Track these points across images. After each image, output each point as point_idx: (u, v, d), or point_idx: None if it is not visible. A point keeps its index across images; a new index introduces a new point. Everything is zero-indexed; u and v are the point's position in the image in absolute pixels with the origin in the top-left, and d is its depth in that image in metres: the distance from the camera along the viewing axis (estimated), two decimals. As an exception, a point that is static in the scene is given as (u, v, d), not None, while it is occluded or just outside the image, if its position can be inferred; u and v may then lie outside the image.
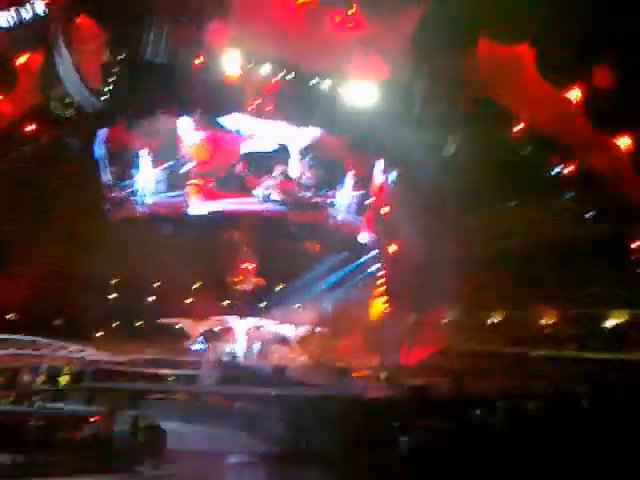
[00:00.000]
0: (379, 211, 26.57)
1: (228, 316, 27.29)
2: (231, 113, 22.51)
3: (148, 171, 23.66)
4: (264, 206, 24.54)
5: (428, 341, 23.82)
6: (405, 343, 24.52)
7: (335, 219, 25.67)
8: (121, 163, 23.97)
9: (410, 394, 16.23)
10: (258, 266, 27.96)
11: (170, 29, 16.92)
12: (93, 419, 12.95)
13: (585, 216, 19.18)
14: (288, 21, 16.49)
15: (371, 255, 28.19)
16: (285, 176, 24.75)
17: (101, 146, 23.72)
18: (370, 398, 17.99)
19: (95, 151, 23.72)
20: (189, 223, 24.37)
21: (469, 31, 15.56)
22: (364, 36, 16.28)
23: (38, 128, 18.22)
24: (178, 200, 23.97)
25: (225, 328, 27.22)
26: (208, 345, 26.43)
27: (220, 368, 22.31)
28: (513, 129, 18.01)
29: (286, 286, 28.94)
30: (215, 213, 24.00)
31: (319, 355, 25.78)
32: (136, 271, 26.33)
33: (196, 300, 27.82)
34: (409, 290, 25.26)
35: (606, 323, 21.23)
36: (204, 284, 28.30)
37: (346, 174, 25.31)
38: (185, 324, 26.98)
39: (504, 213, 23.45)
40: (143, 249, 24.73)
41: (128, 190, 23.97)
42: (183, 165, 23.68)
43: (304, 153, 24.56)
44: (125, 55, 17.57)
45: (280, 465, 12.49)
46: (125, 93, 18.83)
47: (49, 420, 12.73)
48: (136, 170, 23.77)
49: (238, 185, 24.47)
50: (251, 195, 24.56)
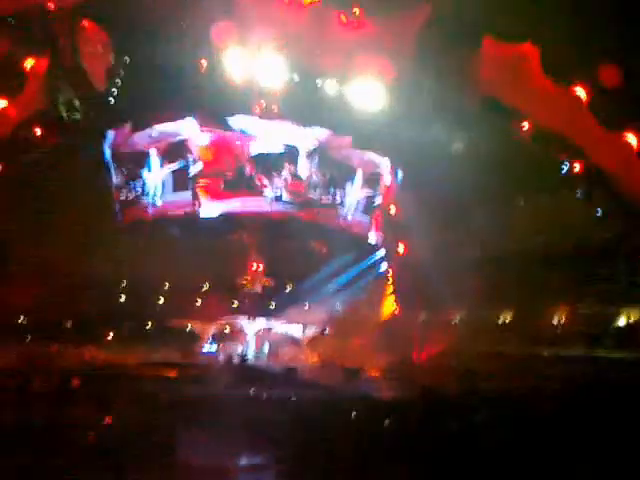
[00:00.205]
0: (387, 211, 26.53)
1: (237, 317, 27.32)
2: (237, 115, 22.55)
3: (157, 172, 23.74)
4: (274, 206, 24.57)
5: (438, 341, 23.74)
6: (415, 343, 24.45)
7: (344, 219, 25.67)
8: (129, 165, 24.08)
9: (421, 394, 16.15)
10: (267, 267, 27.96)
11: (175, 31, 16.94)
12: (104, 423, 12.99)
13: (595, 214, 19.04)
14: (293, 22, 16.48)
15: (380, 255, 28.14)
16: (294, 176, 24.75)
17: (109, 148, 23.86)
18: (382, 398, 17.95)
19: (104, 154, 23.88)
20: (198, 224, 24.45)
21: (474, 30, 15.49)
22: (370, 36, 16.23)
23: (45, 132, 18.25)
24: (187, 201, 24.05)
25: (235, 330, 27.24)
26: (218, 347, 26.47)
27: (230, 370, 22.35)
28: (520, 128, 17.88)
29: (295, 287, 28.92)
30: (225, 214, 24.05)
31: (329, 356, 25.74)
32: (146, 273, 26.38)
33: (205, 302, 27.85)
34: (418, 290, 25.18)
35: (618, 321, 21.08)
36: (213, 285, 28.32)
37: (354, 174, 25.28)
38: (195, 326, 27.03)
39: (512, 212, 23.33)
40: (152, 250, 24.80)
41: (137, 191, 24.07)
42: (192, 166, 23.74)
43: (312, 153, 24.53)
44: (130, 58, 17.62)
45: (292, 467, 12.45)
46: (131, 96, 18.89)
47: (61, 424, 12.79)
48: (145, 171, 23.85)
49: (247, 186, 24.51)
50: (260, 196, 24.58)
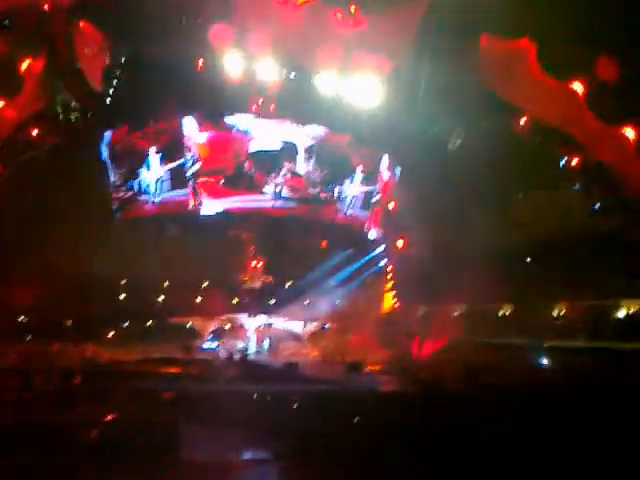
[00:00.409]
0: (386, 206, 26.57)
1: (238, 314, 27.39)
2: (234, 113, 22.55)
3: (156, 170, 23.75)
4: (274, 203, 24.61)
5: (438, 335, 23.78)
6: (416, 337, 24.51)
7: (343, 215, 25.73)
8: (128, 164, 24.08)
9: (422, 388, 16.21)
10: (266, 264, 28.01)
11: (172, 31, 16.92)
12: (105, 420, 13.04)
13: (594, 208, 19.06)
14: (290, 19, 16.46)
15: (379, 250, 28.19)
16: (293, 173, 24.80)
17: (107, 148, 23.86)
18: (383, 392, 18.00)
19: (101, 153, 23.87)
20: (197, 222, 24.48)
21: (472, 26, 15.48)
22: (366, 32, 16.22)
23: (43, 132, 18.25)
24: (186, 199, 24.07)
25: (235, 326, 27.32)
26: (219, 343, 26.54)
27: (231, 366, 22.41)
28: (518, 123, 17.89)
29: (295, 283, 28.97)
30: (224, 211, 24.07)
31: (330, 351, 25.82)
32: (145, 270, 26.42)
33: (205, 299, 27.91)
34: (418, 284, 25.22)
35: (618, 313, 21.13)
36: (213, 283, 28.37)
37: (353, 170, 25.30)
38: (195, 323, 27.11)
39: (511, 206, 23.35)
40: (151, 248, 24.83)
41: (135, 190, 24.09)
42: (191, 164, 23.76)
43: (310, 151, 24.55)
44: (127, 58, 17.61)
45: (294, 462, 12.51)
46: (128, 96, 18.88)
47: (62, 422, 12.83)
48: (143, 169, 23.86)
49: (246, 183, 24.54)
50: (260, 193, 24.61)
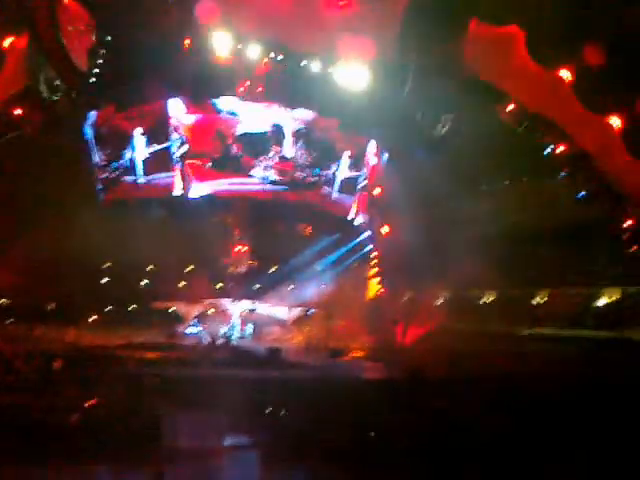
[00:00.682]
0: (372, 192, 26.57)
1: (222, 299, 27.32)
2: (221, 95, 22.34)
3: (141, 151, 23.50)
4: (261, 186, 24.49)
5: (423, 321, 23.92)
6: (400, 323, 24.63)
7: (330, 200, 25.70)
8: (112, 144, 23.82)
9: (406, 375, 16.31)
10: (251, 248, 27.91)
11: (158, 9, 16.63)
12: (88, 405, 12.99)
13: (578, 196, 19.17)
14: (277, 1, 16.24)
15: (365, 236, 28.22)
16: (280, 157, 24.68)
17: (91, 128, 23.54)
18: (366, 379, 18.09)
19: (85, 134, 23.55)
20: (182, 204, 24.32)
21: (460, 12, 15.36)
22: (354, 15, 16.03)
23: (26, 112, 17.89)
24: (171, 181, 23.87)
25: (219, 311, 27.26)
26: (202, 328, 26.46)
27: (215, 351, 22.40)
28: (504, 109, 17.86)
29: (280, 268, 28.92)
30: (209, 195, 23.91)
31: (314, 336, 25.88)
32: (129, 254, 26.19)
33: (189, 283, 27.77)
34: (403, 271, 25.29)
35: (601, 301, 21.36)
36: (197, 267, 28.23)
37: (340, 155, 25.23)
38: (179, 307, 27.00)
39: (496, 194, 23.45)
40: (135, 231, 24.57)
41: (120, 170, 23.85)
42: (179, 146, 23.54)
43: (298, 134, 24.43)
44: (112, 37, 17.31)
45: (278, 448, 12.55)
46: (114, 76, 18.59)
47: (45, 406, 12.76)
48: (129, 151, 23.61)
49: (234, 166, 24.39)
50: (247, 176, 24.46)
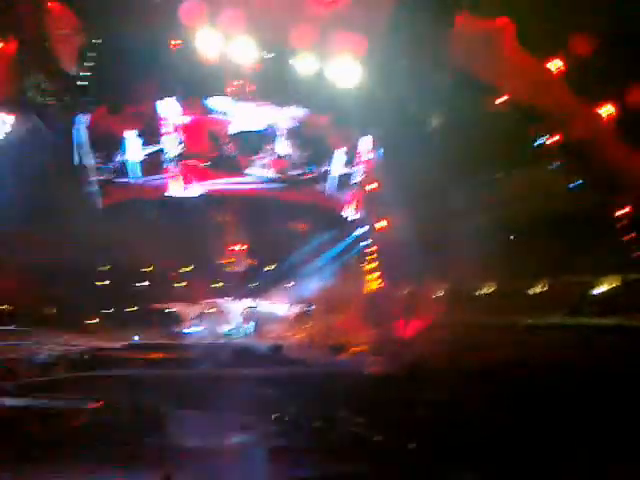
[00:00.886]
0: (368, 187, 26.56)
1: (221, 298, 27.35)
2: (212, 96, 22.29)
3: (135, 153, 23.42)
4: (256, 185, 24.45)
5: (423, 315, 23.95)
6: (400, 317, 24.66)
7: (325, 196, 25.68)
8: (105, 147, 23.73)
9: (407, 368, 16.37)
10: (250, 246, 27.90)
11: (145, 11, 16.60)
12: (91, 407, 13.03)
13: (571, 186, 19.23)
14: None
15: (362, 231, 28.24)
16: (275, 155, 24.63)
17: (83, 131, 23.47)
18: (368, 373, 18.13)
19: (76, 137, 23.48)
20: (179, 205, 24.27)
21: (449, 4, 15.39)
22: (342, 11, 16.02)
23: (16, 116, 17.89)
24: (166, 182, 23.81)
25: (219, 310, 27.28)
26: (202, 328, 26.49)
27: (216, 350, 22.41)
28: (496, 101, 17.90)
29: (278, 265, 28.92)
30: (208, 194, 23.84)
31: (315, 333, 25.92)
32: (127, 255, 26.19)
33: (188, 283, 27.77)
34: (401, 265, 25.32)
35: (596, 290, 21.44)
36: (195, 267, 28.23)
37: (334, 151, 25.20)
38: (178, 308, 27.01)
39: (490, 185, 23.46)
40: (133, 233, 24.57)
41: (114, 172, 23.77)
42: (173, 147, 23.46)
43: (291, 132, 24.38)
44: (101, 40, 17.27)
45: (280, 445, 12.60)
46: (104, 78, 18.56)
47: (47, 410, 12.79)
48: (122, 153, 23.54)
49: (229, 166, 24.32)
50: (242, 175, 24.40)
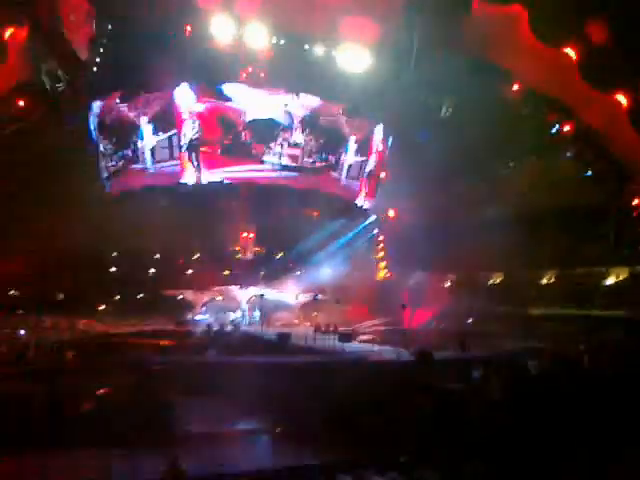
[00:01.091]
0: (378, 176, 26.45)
1: (230, 286, 27.42)
2: (225, 82, 22.16)
3: (148, 140, 23.34)
4: (270, 173, 24.29)
5: (430, 303, 23.94)
6: (408, 306, 24.65)
7: (337, 185, 25.54)
8: (118, 134, 23.68)
9: (417, 356, 16.33)
10: (259, 234, 27.93)
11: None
12: (99, 392, 13.10)
13: (585, 175, 19.05)
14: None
15: (371, 220, 28.18)
16: (289, 143, 24.47)
17: (96, 118, 23.48)
18: (376, 362, 18.12)
19: (90, 123, 23.52)
20: (191, 192, 24.16)
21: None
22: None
23: (29, 103, 17.92)
24: (179, 169, 23.71)
25: (228, 298, 27.36)
26: (212, 315, 26.60)
27: (224, 337, 22.50)
28: (510, 89, 17.72)
29: (289, 253, 28.93)
30: (222, 181, 23.70)
31: (322, 321, 25.97)
32: (138, 243, 26.30)
33: (198, 271, 27.86)
34: (409, 254, 25.27)
35: (606, 281, 21.31)
36: (205, 255, 28.30)
37: (347, 139, 25.04)
38: (188, 295, 27.12)
39: (503, 174, 23.31)
40: (143, 220, 24.62)
41: (128, 159, 23.74)
42: (190, 134, 23.33)
43: (305, 120, 24.22)
44: (114, 26, 17.23)
45: (288, 432, 12.63)
46: (117, 65, 18.53)
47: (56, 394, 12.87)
48: (135, 139, 23.49)
49: (244, 153, 24.15)
50: (257, 162, 24.25)
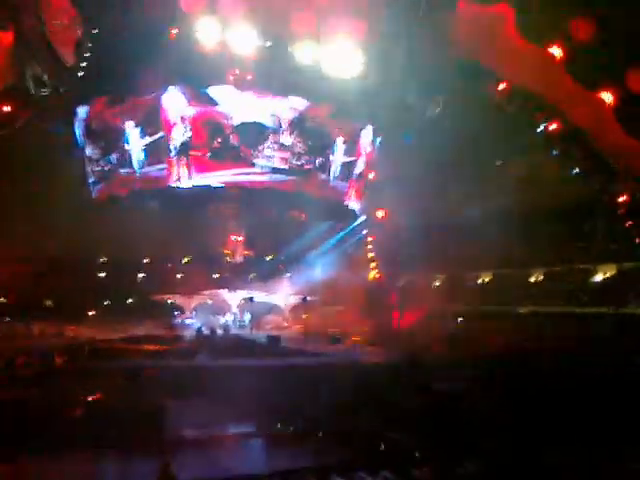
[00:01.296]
0: (367, 177, 26.50)
1: (220, 289, 27.40)
2: (211, 85, 22.14)
3: (135, 144, 23.25)
4: (259, 176, 24.27)
5: (420, 304, 24.00)
6: (397, 307, 24.73)
7: (326, 186, 25.55)
8: (105, 138, 23.56)
9: (406, 357, 16.40)
10: (248, 237, 27.89)
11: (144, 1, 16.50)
12: (90, 398, 13.05)
13: (572, 173, 19.23)
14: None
15: (360, 221, 28.21)
16: (278, 145, 24.48)
17: (82, 122, 23.37)
18: (365, 364, 18.17)
19: (76, 129, 23.40)
20: (180, 196, 24.09)
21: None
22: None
23: (14, 108, 17.80)
24: (167, 173, 23.64)
25: (217, 301, 27.34)
26: (202, 319, 26.56)
27: (215, 341, 22.48)
28: (496, 88, 17.86)
29: (278, 256, 28.93)
30: (211, 185, 23.67)
31: (312, 323, 25.99)
32: (125, 247, 26.20)
33: (187, 275, 27.82)
34: (399, 255, 25.35)
35: (594, 278, 21.49)
36: (194, 258, 28.26)
37: (334, 142, 25.09)
38: (177, 299, 27.08)
39: (490, 174, 23.43)
40: (131, 224, 24.55)
41: (114, 164, 23.64)
42: (180, 137, 23.27)
43: (293, 122, 24.23)
44: (99, 31, 17.14)
45: (280, 435, 12.64)
46: (103, 70, 18.44)
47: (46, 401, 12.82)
48: (122, 144, 23.40)
49: (233, 156, 24.10)
50: (245, 165, 24.22)
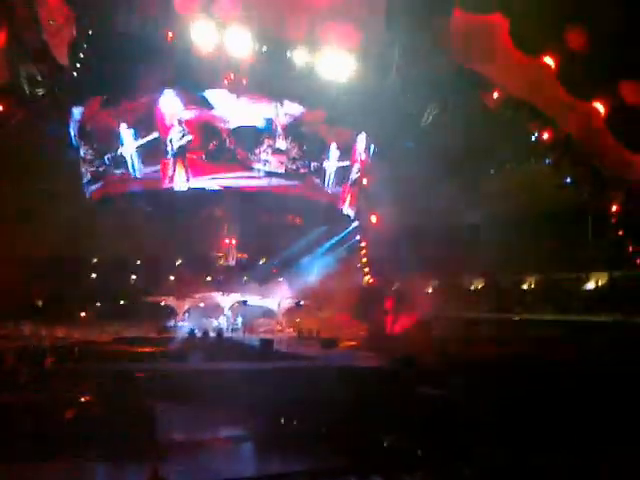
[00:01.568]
0: (361, 182, 26.56)
1: (212, 292, 27.34)
2: (207, 88, 22.16)
3: (129, 145, 23.23)
4: (259, 179, 24.27)
5: (413, 309, 24.02)
6: (390, 312, 24.73)
7: (320, 191, 25.59)
8: (99, 139, 23.55)
9: (398, 362, 16.40)
10: (242, 241, 27.88)
11: (138, 1, 16.50)
12: (80, 400, 12.98)
13: (564, 181, 19.35)
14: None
15: (354, 226, 28.26)
16: (274, 149, 24.50)
17: (77, 123, 23.34)
18: (358, 368, 18.16)
19: (70, 129, 23.37)
20: (174, 198, 24.07)
21: (444, 0, 15.40)
22: (338, 4, 15.97)
23: (8, 108, 17.77)
24: (161, 174, 23.62)
25: (210, 304, 27.29)
26: (194, 321, 26.49)
27: (206, 344, 22.40)
28: (490, 97, 17.96)
29: (272, 260, 28.93)
30: (205, 188, 23.66)
31: (305, 327, 25.98)
32: (118, 249, 26.16)
33: (180, 277, 27.77)
34: (392, 260, 25.38)
35: (586, 286, 21.58)
36: (187, 261, 28.23)
37: (329, 147, 25.14)
38: (170, 302, 27.01)
39: (483, 181, 23.53)
40: (124, 226, 24.51)
41: (108, 165, 23.61)
42: (178, 139, 23.24)
43: (288, 127, 24.26)
44: (94, 32, 17.14)
45: (271, 439, 12.58)
46: (98, 71, 18.45)
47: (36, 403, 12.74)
48: (117, 145, 23.38)
49: (229, 159, 24.11)
50: (241, 169, 24.22)
